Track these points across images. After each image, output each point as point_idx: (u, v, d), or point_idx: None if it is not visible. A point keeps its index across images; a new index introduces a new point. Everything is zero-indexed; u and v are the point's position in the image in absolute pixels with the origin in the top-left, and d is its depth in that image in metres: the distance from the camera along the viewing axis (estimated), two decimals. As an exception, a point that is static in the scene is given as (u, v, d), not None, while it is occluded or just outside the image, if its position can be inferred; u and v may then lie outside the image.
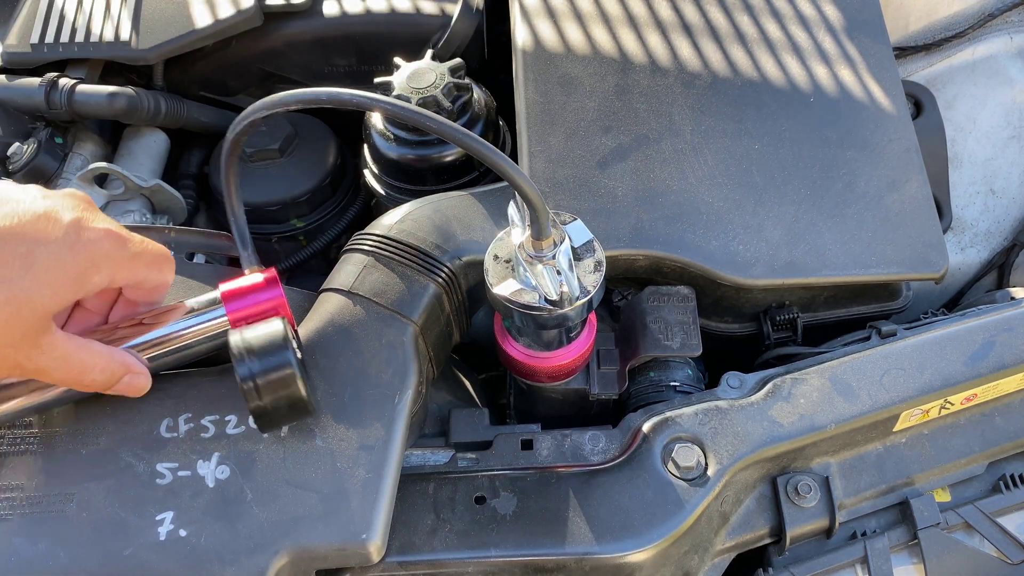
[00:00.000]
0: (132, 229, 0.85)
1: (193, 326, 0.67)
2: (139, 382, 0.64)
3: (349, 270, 0.76)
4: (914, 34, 1.22)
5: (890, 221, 0.83)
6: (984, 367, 0.76)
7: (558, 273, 0.65)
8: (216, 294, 0.68)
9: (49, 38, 1.12)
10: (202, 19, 1.11)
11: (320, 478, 0.65)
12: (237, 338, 0.63)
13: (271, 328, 0.64)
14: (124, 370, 0.63)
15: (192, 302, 0.68)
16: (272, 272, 0.68)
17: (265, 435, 0.67)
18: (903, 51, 1.22)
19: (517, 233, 0.66)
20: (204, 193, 1.20)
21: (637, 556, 0.67)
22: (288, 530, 0.63)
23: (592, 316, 0.76)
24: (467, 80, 0.99)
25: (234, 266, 0.85)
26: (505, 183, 0.86)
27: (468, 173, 1.00)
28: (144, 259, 0.62)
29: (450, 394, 0.88)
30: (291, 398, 0.63)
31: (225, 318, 0.66)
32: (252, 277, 0.67)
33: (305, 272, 1.17)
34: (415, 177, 1.00)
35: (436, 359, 0.78)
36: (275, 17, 1.15)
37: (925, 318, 0.88)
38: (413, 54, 1.02)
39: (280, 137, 1.13)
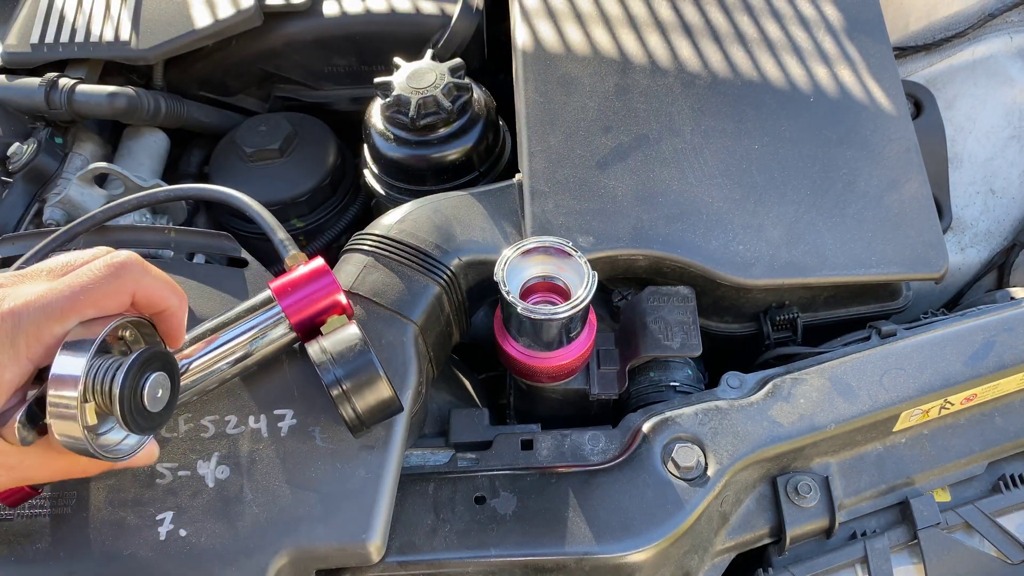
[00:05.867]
0: (132, 229, 0.85)
1: (250, 329, 0.66)
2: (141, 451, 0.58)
3: (349, 270, 0.76)
4: (914, 34, 1.22)
5: (890, 221, 0.83)
6: (984, 367, 0.76)
7: None
8: (268, 293, 0.67)
9: (49, 38, 1.12)
10: (202, 19, 1.11)
11: (320, 478, 0.65)
12: (317, 348, 0.64)
13: (348, 333, 0.64)
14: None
15: (244, 305, 0.67)
16: (320, 261, 0.68)
17: (266, 435, 0.67)
18: (903, 51, 1.22)
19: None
20: (204, 193, 1.20)
21: (637, 556, 0.67)
22: (288, 530, 0.63)
23: (592, 316, 0.76)
24: (467, 80, 0.99)
25: (234, 266, 0.85)
26: (505, 183, 0.87)
27: (468, 173, 1.00)
28: (93, 294, 0.53)
29: (450, 394, 0.88)
30: (379, 398, 0.64)
31: (282, 315, 0.66)
32: (300, 270, 0.67)
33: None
34: (415, 177, 1.00)
35: (436, 359, 0.78)
36: (275, 17, 1.15)
37: (925, 318, 0.88)
38: (413, 54, 1.02)
39: (280, 137, 1.13)
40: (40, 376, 0.53)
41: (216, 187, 0.81)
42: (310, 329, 0.67)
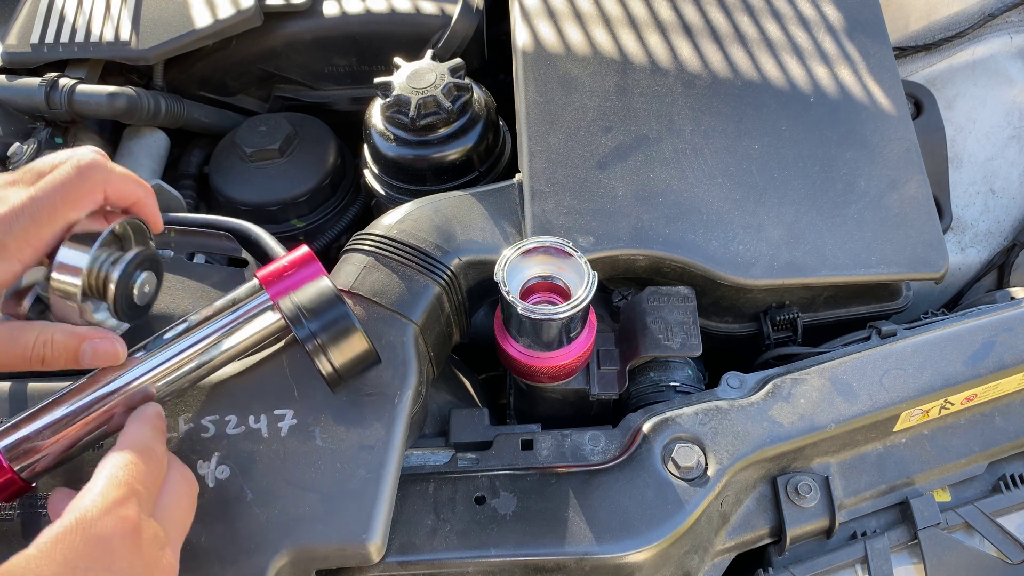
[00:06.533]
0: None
1: (239, 318, 0.66)
2: (103, 347, 0.61)
3: (349, 270, 0.76)
4: (914, 34, 1.22)
5: (890, 221, 0.83)
6: (984, 367, 0.76)
7: None
8: (254, 282, 0.67)
9: (49, 38, 1.12)
10: (202, 19, 1.11)
11: (320, 478, 0.65)
12: (289, 303, 0.64)
13: (320, 286, 0.64)
14: (76, 340, 0.60)
15: (231, 295, 0.68)
16: (305, 248, 0.67)
17: (266, 435, 0.67)
18: (903, 51, 1.22)
19: None
20: (204, 193, 1.20)
21: (637, 556, 0.67)
22: (288, 530, 0.63)
23: (592, 316, 0.76)
24: (467, 80, 0.99)
25: (235, 266, 0.85)
26: (505, 183, 0.87)
27: (468, 173, 1.00)
28: (70, 197, 0.60)
29: (450, 394, 0.88)
30: (356, 350, 0.64)
31: (269, 302, 0.66)
32: (287, 257, 0.67)
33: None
34: (415, 177, 1.00)
35: (436, 359, 0.78)
36: (275, 17, 1.15)
37: (925, 318, 0.88)
38: (413, 54, 1.02)
39: (280, 137, 1.13)
40: None
41: (229, 219, 0.83)
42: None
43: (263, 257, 0.84)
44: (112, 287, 0.62)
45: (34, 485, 0.63)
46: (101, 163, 0.62)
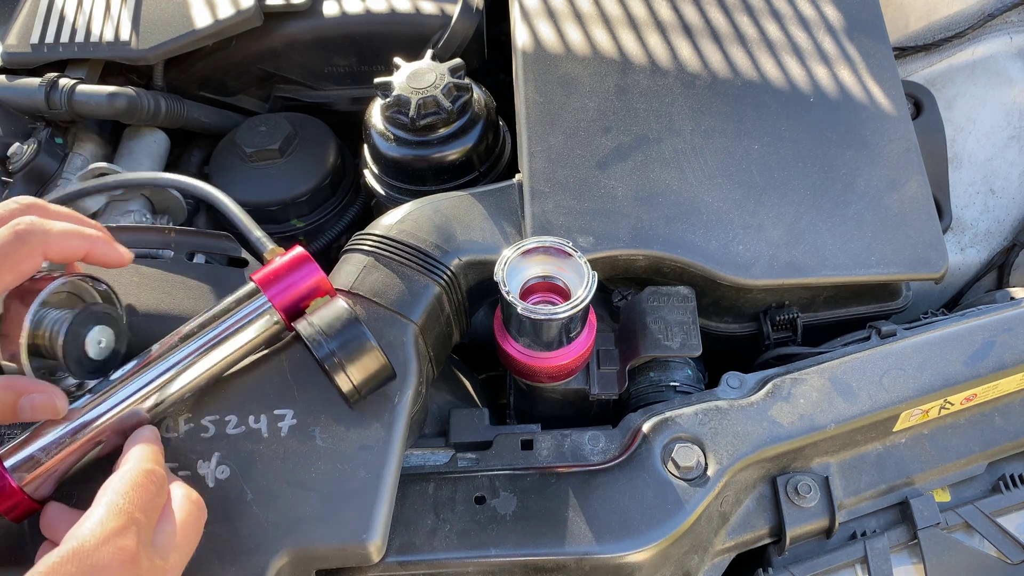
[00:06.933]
0: (132, 230, 0.85)
1: (238, 322, 0.67)
2: (41, 401, 0.60)
3: (349, 270, 0.76)
4: (914, 34, 1.22)
5: (890, 221, 0.83)
6: (984, 367, 0.76)
7: None
8: (251, 285, 0.67)
9: (49, 38, 1.12)
10: (202, 19, 1.11)
11: (320, 478, 0.65)
12: (306, 325, 0.64)
13: (336, 307, 0.65)
14: (13, 395, 0.60)
15: (230, 299, 0.68)
16: (300, 249, 0.68)
17: (266, 435, 0.67)
18: (903, 51, 1.22)
19: None
20: (204, 193, 1.20)
21: (637, 556, 0.67)
22: (288, 530, 0.63)
23: (592, 316, 0.76)
24: (467, 80, 0.99)
25: (234, 266, 0.85)
26: (505, 183, 0.87)
27: (468, 173, 1.00)
28: (7, 262, 0.59)
29: (450, 394, 0.88)
30: (375, 367, 0.65)
31: (268, 304, 0.66)
32: (281, 259, 0.68)
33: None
34: (415, 177, 1.00)
35: (436, 359, 0.78)
36: (275, 17, 1.15)
37: (925, 318, 0.88)
38: (413, 54, 1.02)
39: (280, 137, 1.13)
40: None
41: (193, 181, 0.82)
42: (296, 315, 0.67)
43: (227, 223, 0.84)
44: (60, 344, 0.62)
45: (42, 505, 0.63)
46: (39, 226, 0.61)
